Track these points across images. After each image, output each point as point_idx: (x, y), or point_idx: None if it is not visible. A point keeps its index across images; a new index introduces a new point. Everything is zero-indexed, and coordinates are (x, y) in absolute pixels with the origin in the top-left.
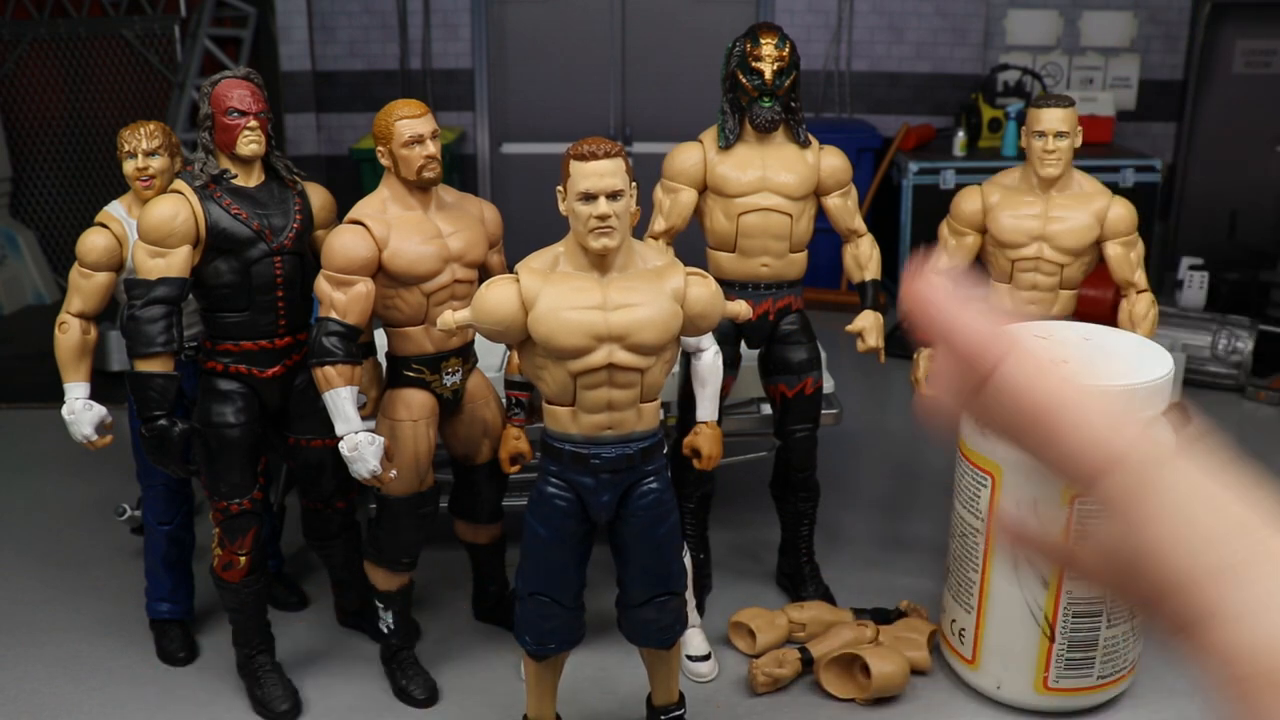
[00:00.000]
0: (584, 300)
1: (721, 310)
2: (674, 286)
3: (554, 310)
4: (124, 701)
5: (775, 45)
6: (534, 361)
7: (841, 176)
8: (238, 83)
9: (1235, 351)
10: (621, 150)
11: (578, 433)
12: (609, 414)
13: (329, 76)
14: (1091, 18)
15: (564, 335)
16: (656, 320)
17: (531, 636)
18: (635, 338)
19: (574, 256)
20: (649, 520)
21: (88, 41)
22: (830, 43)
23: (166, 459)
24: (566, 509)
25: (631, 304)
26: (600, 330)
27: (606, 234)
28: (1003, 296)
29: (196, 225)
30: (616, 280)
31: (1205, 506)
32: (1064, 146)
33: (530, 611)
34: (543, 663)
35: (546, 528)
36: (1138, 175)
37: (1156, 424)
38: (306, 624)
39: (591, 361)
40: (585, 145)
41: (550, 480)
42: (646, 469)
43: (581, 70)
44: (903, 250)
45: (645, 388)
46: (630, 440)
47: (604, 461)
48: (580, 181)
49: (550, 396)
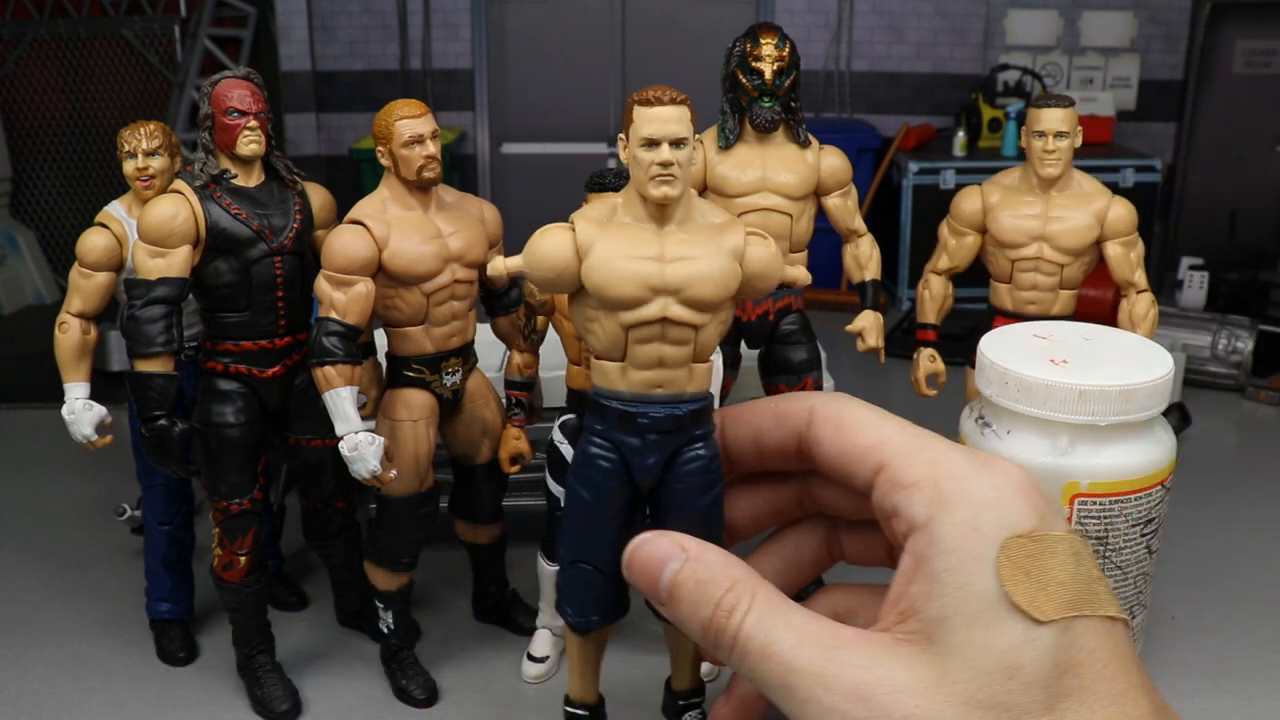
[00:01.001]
0: (641, 251)
1: (781, 273)
2: (734, 244)
3: (609, 259)
4: (124, 701)
5: (775, 45)
6: (584, 314)
7: (842, 176)
8: (238, 83)
9: (1235, 351)
10: (688, 99)
11: (626, 389)
12: (660, 371)
13: (329, 76)
14: (1091, 18)
15: (618, 285)
16: (714, 275)
17: (573, 608)
18: (691, 291)
19: (632, 206)
20: (694, 488)
21: (88, 41)
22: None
23: (166, 459)
24: (610, 470)
25: (690, 257)
26: (656, 282)
27: (668, 181)
28: (1003, 296)
29: (196, 225)
30: (675, 233)
31: None
32: (1064, 146)
33: (572, 580)
34: (585, 637)
35: (589, 489)
36: (1138, 175)
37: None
38: (306, 624)
39: (646, 314)
40: (650, 91)
41: (594, 440)
42: (695, 433)
43: (581, 70)
44: (902, 250)
45: (699, 346)
46: (680, 401)
47: (652, 421)
48: (644, 127)
49: (600, 351)
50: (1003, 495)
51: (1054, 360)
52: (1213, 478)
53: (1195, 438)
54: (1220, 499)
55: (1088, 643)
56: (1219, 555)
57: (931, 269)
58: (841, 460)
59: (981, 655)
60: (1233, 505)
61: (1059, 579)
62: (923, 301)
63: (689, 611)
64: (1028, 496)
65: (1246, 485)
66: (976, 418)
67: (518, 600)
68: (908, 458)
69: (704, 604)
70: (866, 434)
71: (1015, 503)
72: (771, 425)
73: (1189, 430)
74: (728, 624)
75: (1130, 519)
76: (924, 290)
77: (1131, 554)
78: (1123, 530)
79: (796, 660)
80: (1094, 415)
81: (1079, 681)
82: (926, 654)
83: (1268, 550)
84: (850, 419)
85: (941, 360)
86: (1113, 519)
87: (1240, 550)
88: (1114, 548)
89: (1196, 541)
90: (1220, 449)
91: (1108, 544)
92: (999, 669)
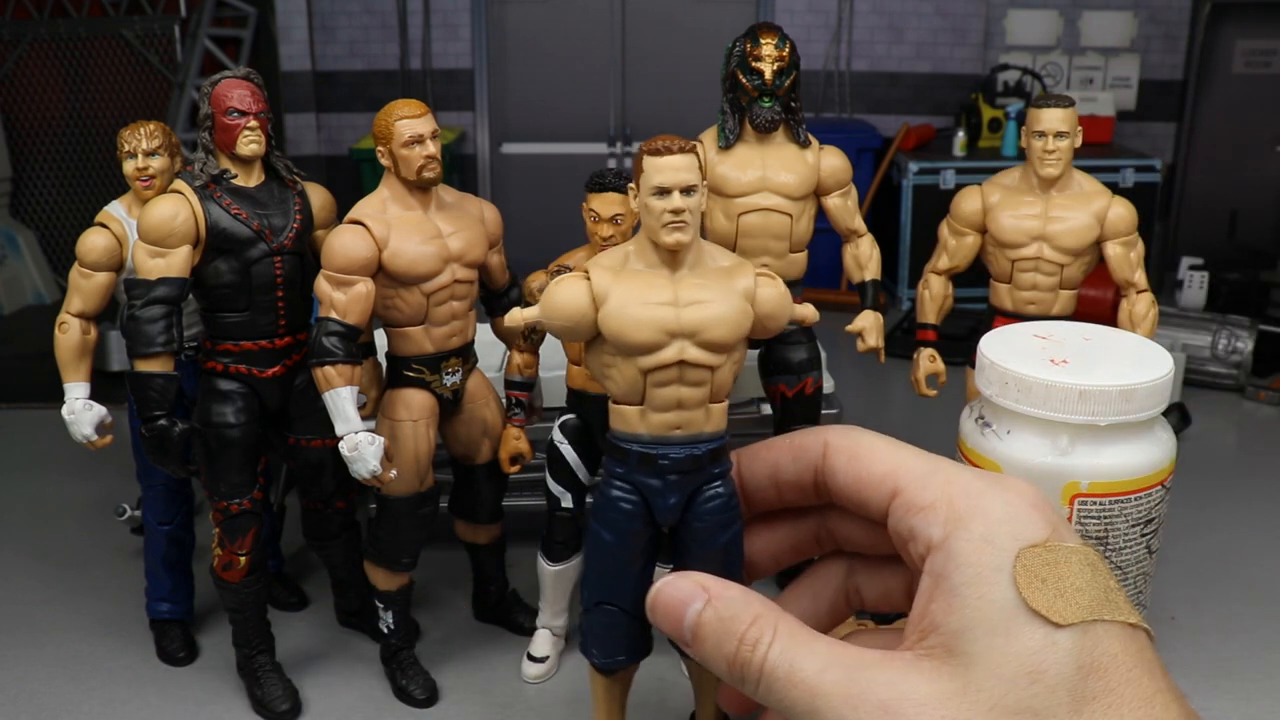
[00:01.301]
0: (656, 296)
1: (790, 313)
2: (744, 285)
3: (625, 306)
4: (124, 701)
5: (775, 45)
6: (601, 360)
7: (842, 176)
8: (238, 83)
9: (1235, 351)
10: (695, 147)
11: (646, 432)
12: (678, 413)
13: (329, 76)
14: (1091, 18)
15: (636, 331)
16: (728, 317)
17: (599, 650)
18: (707, 334)
19: (644, 254)
20: (714, 525)
21: (88, 41)
22: (830, 43)
23: (166, 459)
24: (632, 511)
25: (703, 300)
26: (672, 326)
27: (680, 228)
28: (1003, 296)
29: (196, 225)
30: (687, 278)
31: None
32: (1064, 146)
33: (597, 623)
34: (612, 677)
35: (612, 532)
36: (1138, 175)
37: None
38: (306, 624)
39: (663, 358)
40: (659, 141)
41: (615, 484)
42: (714, 471)
43: (581, 70)
44: (903, 250)
45: (715, 387)
46: (699, 441)
47: (672, 462)
48: (655, 176)
49: (618, 396)
50: (1016, 510)
51: (1054, 360)
52: (1213, 478)
53: (1195, 438)
54: (1220, 499)
55: (1110, 646)
56: (1219, 555)
57: (931, 269)
58: (857, 489)
59: (1004, 662)
60: (1233, 505)
61: (1076, 585)
62: (923, 301)
63: (714, 649)
64: (1040, 511)
65: (1246, 485)
66: (976, 418)
67: (518, 600)
68: (921, 480)
69: (728, 640)
70: (880, 462)
71: (1029, 516)
72: (788, 461)
73: (1189, 430)
74: (752, 656)
75: (1130, 519)
76: (924, 290)
77: (1131, 554)
78: (1123, 530)
79: (821, 683)
80: (1094, 415)
81: (1105, 684)
82: (949, 666)
83: (1268, 550)
84: (864, 448)
85: (941, 360)
86: (1113, 519)
87: (1240, 550)
88: (1114, 548)
89: (1196, 541)
90: (1220, 449)
91: (1108, 544)
92: (1022, 674)
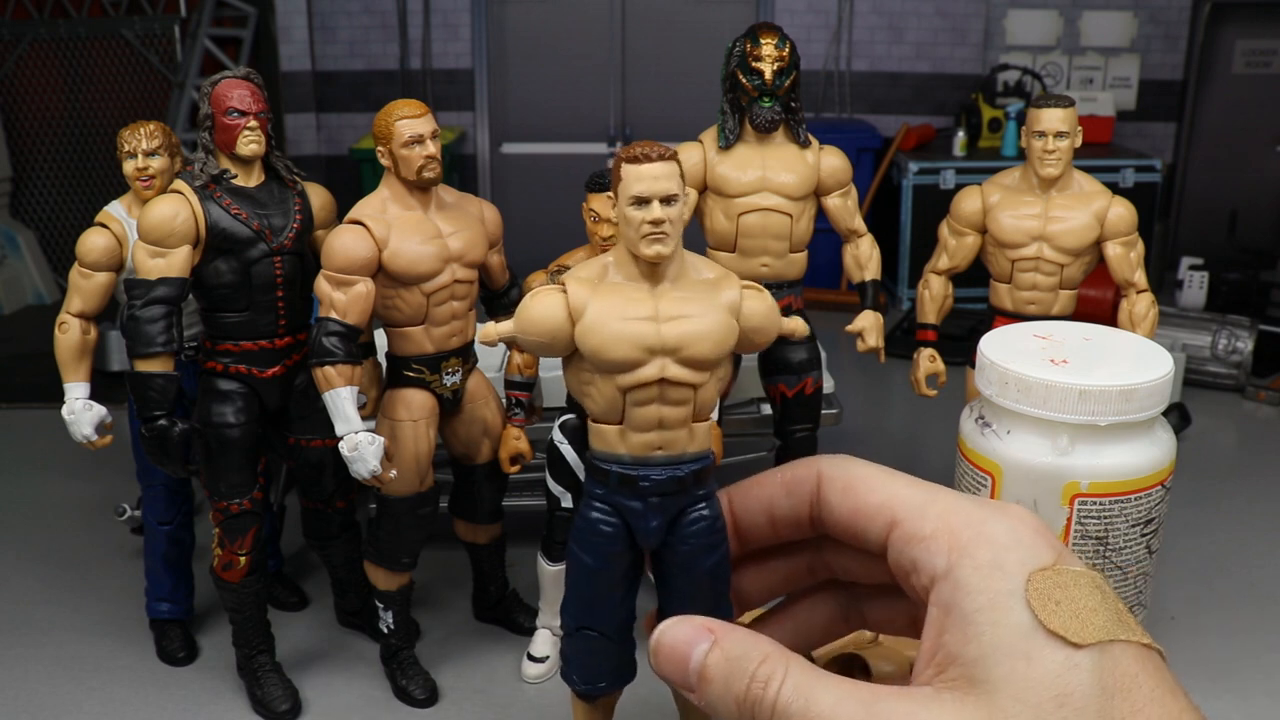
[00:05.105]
0: (635, 311)
1: (778, 326)
2: (729, 299)
3: (603, 321)
4: (124, 701)
5: (775, 45)
6: (580, 377)
7: (842, 176)
8: (238, 83)
9: (1235, 351)
10: (675, 154)
11: (626, 452)
12: (660, 432)
13: (329, 76)
14: (1091, 18)
15: (614, 347)
16: (711, 333)
17: (580, 675)
18: (689, 351)
19: (624, 266)
20: (699, 549)
21: (88, 41)
22: (830, 43)
23: (166, 459)
24: (613, 534)
25: (685, 315)
26: (652, 342)
27: (659, 240)
28: (1003, 296)
29: (196, 225)
30: (669, 291)
31: None
32: (1064, 146)
33: (578, 648)
34: (593, 704)
35: (592, 555)
36: (1138, 175)
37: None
38: (306, 624)
39: (643, 375)
40: (637, 148)
41: (595, 505)
42: (698, 493)
43: (581, 70)
44: (903, 250)
45: (698, 405)
46: (681, 462)
47: (653, 484)
48: (633, 185)
49: (597, 414)
50: (1020, 536)
51: (1054, 360)
52: (1213, 478)
53: (1195, 438)
54: (1220, 499)
55: (1128, 667)
56: (1219, 555)
57: (931, 269)
58: (853, 521)
59: (1028, 686)
60: (1233, 505)
61: (1089, 606)
62: (923, 301)
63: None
64: (1043, 536)
65: (1246, 485)
66: (976, 418)
67: (518, 600)
68: (920, 510)
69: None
70: (875, 492)
71: (1033, 542)
72: (782, 497)
73: (1189, 430)
74: (765, 694)
75: (1130, 519)
76: (924, 290)
77: (1131, 554)
78: (1123, 530)
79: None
80: (1094, 415)
81: (1131, 705)
82: (971, 695)
83: (1268, 550)
84: (858, 479)
85: (941, 360)
86: (1113, 519)
87: (1240, 550)
88: (1114, 548)
89: (1196, 541)
90: (1220, 449)
91: (1108, 544)
92: (1048, 698)
